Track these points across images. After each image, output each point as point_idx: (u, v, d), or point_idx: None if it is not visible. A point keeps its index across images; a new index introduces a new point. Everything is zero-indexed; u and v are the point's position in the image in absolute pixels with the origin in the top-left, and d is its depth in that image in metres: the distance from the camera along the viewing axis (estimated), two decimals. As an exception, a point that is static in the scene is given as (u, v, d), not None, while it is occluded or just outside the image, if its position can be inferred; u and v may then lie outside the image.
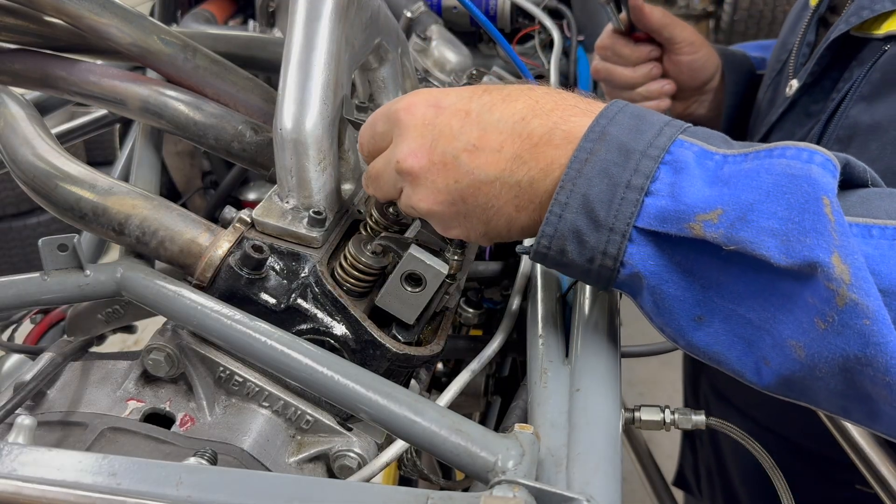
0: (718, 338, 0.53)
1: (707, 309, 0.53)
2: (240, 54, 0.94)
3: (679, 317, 0.54)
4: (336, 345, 0.63)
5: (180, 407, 0.64)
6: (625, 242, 0.53)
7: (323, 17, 0.68)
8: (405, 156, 0.59)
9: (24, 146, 0.70)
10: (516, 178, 0.56)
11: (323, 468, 0.64)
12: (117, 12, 0.75)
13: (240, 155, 0.81)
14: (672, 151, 0.53)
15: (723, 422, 0.70)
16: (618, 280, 0.55)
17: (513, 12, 1.41)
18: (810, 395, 0.52)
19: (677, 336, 0.56)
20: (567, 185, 0.53)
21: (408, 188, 0.61)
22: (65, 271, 0.64)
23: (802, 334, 0.48)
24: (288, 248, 0.65)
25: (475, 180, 0.57)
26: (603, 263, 0.54)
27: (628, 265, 0.53)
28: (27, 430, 0.53)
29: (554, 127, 0.56)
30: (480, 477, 0.51)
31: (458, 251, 0.66)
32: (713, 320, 0.53)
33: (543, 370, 0.63)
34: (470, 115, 0.58)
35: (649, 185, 0.52)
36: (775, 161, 0.50)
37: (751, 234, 0.48)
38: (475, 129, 0.57)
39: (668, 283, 0.53)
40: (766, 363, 0.52)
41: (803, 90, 0.91)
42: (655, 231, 0.52)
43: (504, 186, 0.56)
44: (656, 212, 0.52)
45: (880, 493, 0.78)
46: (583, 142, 0.54)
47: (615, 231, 0.53)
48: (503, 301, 0.94)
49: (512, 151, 0.56)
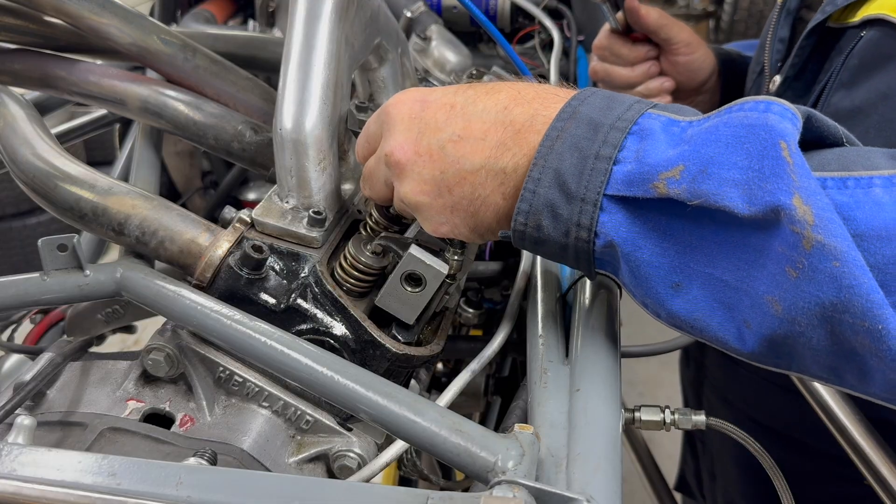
0: (698, 304, 0.53)
1: (684, 275, 0.53)
2: (239, 54, 0.94)
3: (656, 284, 0.54)
4: (336, 345, 0.63)
5: (180, 407, 0.64)
6: (596, 211, 0.53)
7: (323, 17, 0.68)
8: (392, 148, 0.61)
9: (23, 146, 0.70)
10: (501, 164, 0.57)
11: (323, 468, 0.64)
12: (117, 12, 0.75)
13: (239, 155, 0.81)
14: (639, 123, 0.54)
15: (723, 422, 0.70)
16: (596, 254, 0.56)
17: (513, 12, 1.41)
18: (797, 357, 0.51)
19: (658, 307, 0.55)
20: (539, 161, 0.55)
21: (396, 181, 0.62)
22: (64, 271, 0.64)
23: (777, 287, 0.48)
24: (288, 248, 0.65)
25: (461, 169, 0.58)
26: (578, 236, 0.55)
27: (602, 235, 0.54)
28: (27, 431, 0.53)
29: (535, 114, 0.57)
30: (480, 477, 0.51)
31: (458, 251, 0.66)
32: (691, 286, 0.53)
33: (543, 370, 0.63)
34: (455, 108, 0.60)
35: (617, 154, 0.53)
36: (734, 115, 0.51)
37: (713, 185, 0.49)
38: (460, 121, 0.59)
39: (641, 250, 0.53)
40: (748, 326, 0.51)
41: (786, 85, 0.92)
42: (624, 196, 0.53)
43: (489, 174, 0.57)
44: (623, 177, 0.52)
45: (880, 492, 0.78)
46: (554, 122, 0.55)
47: (587, 201, 0.53)
48: (503, 301, 0.94)
49: (496, 139, 0.57)
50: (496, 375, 1.10)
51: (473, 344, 0.79)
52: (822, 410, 0.84)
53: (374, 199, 0.68)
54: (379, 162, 0.63)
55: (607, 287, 0.72)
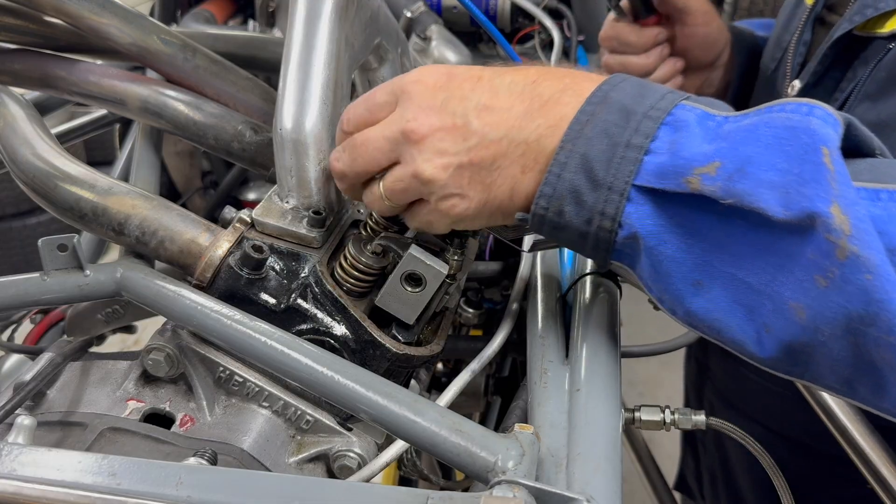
0: (718, 304, 0.52)
1: (706, 273, 0.52)
2: (239, 54, 0.94)
3: (677, 281, 0.53)
4: (336, 345, 0.63)
5: (180, 407, 0.64)
6: (623, 201, 0.52)
7: (323, 17, 0.68)
8: (414, 117, 0.58)
9: (23, 146, 0.70)
10: (524, 134, 0.56)
11: (323, 468, 0.64)
12: (117, 12, 0.75)
13: (239, 155, 0.81)
14: (673, 113, 0.53)
15: (723, 422, 0.70)
16: (616, 245, 0.54)
17: (513, 12, 1.41)
18: (813, 366, 0.50)
19: (676, 304, 0.54)
20: (567, 145, 0.54)
21: (410, 152, 0.58)
22: (64, 271, 0.64)
23: (803, 294, 0.47)
24: (288, 248, 0.65)
25: (483, 138, 0.56)
26: (601, 225, 0.53)
27: (626, 226, 0.53)
28: (27, 431, 0.53)
29: (565, 88, 0.56)
30: (480, 477, 0.51)
31: (458, 251, 0.66)
32: (712, 286, 0.52)
33: (543, 370, 0.63)
34: (482, 80, 0.58)
35: (649, 145, 0.52)
36: (775, 115, 0.50)
37: (749, 185, 0.48)
38: (486, 91, 0.57)
39: (666, 244, 0.52)
40: (767, 330, 0.50)
41: (805, 91, 0.90)
42: (653, 188, 0.51)
43: (511, 143, 0.56)
44: (654, 168, 0.51)
45: (882, 494, 0.78)
46: (585, 105, 0.54)
47: (613, 190, 0.52)
48: (503, 301, 0.94)
49: (521, 109, 0.56)
50: (496, 375, 1.10)
51: (473, 344, 0.79)
52: (825, 413, 0.84)
53: (357, 168, 0.61)
54: (386, 131, 0.59)
55: (607, 287, 0.72)
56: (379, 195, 0.61)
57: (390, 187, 0.60)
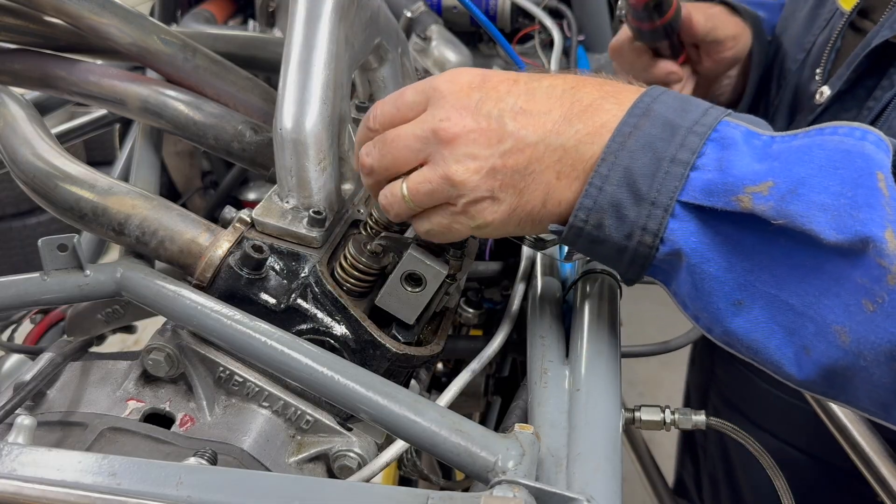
0: (758, 325, 0.52)
1: (748, 293, 0.51)
2: (239, 54, 0.94)
3: (718, 300, 0.52)
4: (336, 345, 0.63)
5: (180, 407, 0.64)
6: (666, 217, 0.51)
7: (323, 17, 0.68)
8: (446, 116, 0.56)
9: (23, 146, 0.70)
10: (562, 140, 0.54)
11: (323, 468, 0.64)
12: (117, 12, 0.75)
13: (239, 155, 0.81)
14: (719, 129, 0.52)
15: (723, 422, 0.70)
16: (655, 260, 0.54)
17: (513, 12, 1.40)
18: (851, 389, 0.50)
19: (713, 323, 0.54)
20: (609, 157, 0.52)
21: (441, 153, 0.56)
22: (64, 271, 0.64)
23: (848, 318, 0.47)
24: (288, 248, 0.65)
25: (519, 142, 0.55)
26: (642, 240, 0.53)
27: (669, 242, 0.52)
28: (27, 431, 0.53)
29: (605, 95, 0.55)
30: (480, 477, 0.51)
31: (458, 251, 0.66)
32: (753, 306, 0.51)
33: (543, 370, 0.63)
34: (518, 83, 0.57)
35: (695, 161, 0.51)
36: (827, 138, 0.50)
37: (801, 207, 0.47)
38: (523, 94, 0.56)
39: (709, 263, 0.52)
40: (807, 352, 0.50)
41: (836, 98, 0.87)
42: (700, 205, 0.51)
43: (548, 149, 0.54)
44: (702, 185, 0.51)
45: (882, 495, 0.78)
46: (626, 117, 0.53)
47: (657, 205, 0.51)
48: (503, 301, 0.94)
49: (560, 114, 0.55)
50: (496, 375, 1.10)
51: (473, 344, 0.79)
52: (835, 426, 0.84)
53: (386, 166, 0.60)
54: (416, 130, 0.58)
55: (607, 287, 0.72)
56: (400, 195, 0.59)
57: (415, 187, 0.58)
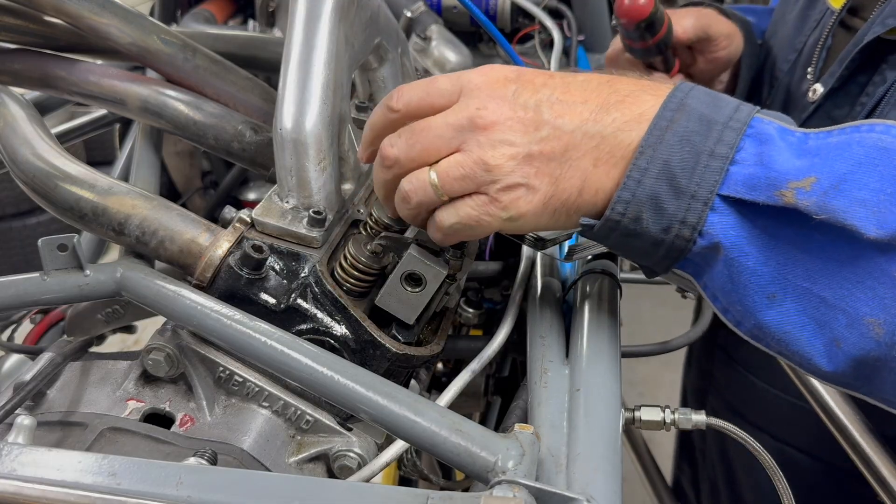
0: (790, 318, 0.53)
1: (781, 286, 0.52)
2: (239, 54, 0.94)
3: (753, 293, 0.53)
4: (336, 345, 0.63)
5: (180, 407, 0.64)
6: (706, 211, 0.52)
7: (323, 17, 0.68)
8: (483, 105, 0.56)
9: (23, 146, 0.70)
10: (599, 127, 0.55)
11: (323, 468, 0.64)
12: (117, 12, 0.75)
13: (239, 155, 0.81)
14: (753, 125, 0.53)
15: (722, 422, 0.70)
16: (690, 254, 0.54)
17: (513, 12, 1.40)
18: (877, 381, 0.51)
19: (745, 316, 0.54)
20: (647, 150, 0.53)
21: (477, 139, 0.56)
22: (64, 271, 0.64)
23: (883, 311, 0.48)
24: (288, 248, 0.65)
25: (555, 129, 0.55)
26: (679, 233, 0.53)
27: (707, 235, 0.53)
28: (27, 430, 0.53)
29: (642, 88, 0.56)
30: (480, 477, 0.51)
31: (457, 251, 0.66)
32: (785, 299, 0.52)
33: (543, 370, 0.63)
34: (553, 77, 0.58)
35: (734, 155, 0.52)
36: (865, 135, 0.51)
37: (844, 203, 0.48)
38: (559, 86, 0.57)
39: (747, 256, 0.52)
40: (838, 345, 0.51)
41: (829, 95, 0.87)
42: (741, 199, 0.51)
43: (585, 136, 0.55)
44: (744, 179, 0.51)
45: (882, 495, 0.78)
46: (661, 110, 0.54)
47: (697, 198, 0.52)
48: (503, 301, 0.94)
49: (597, 104, 0.55)
50: (496, 375, 1.10)
51: (473, 344, 0.79)
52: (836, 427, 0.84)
53: (412, 158, 0.58)
54: (451, 118, 0.57)
55: (607, 287, 0.72)
56: (427, 182, 0.57)
57: (446, 172, 0.57)
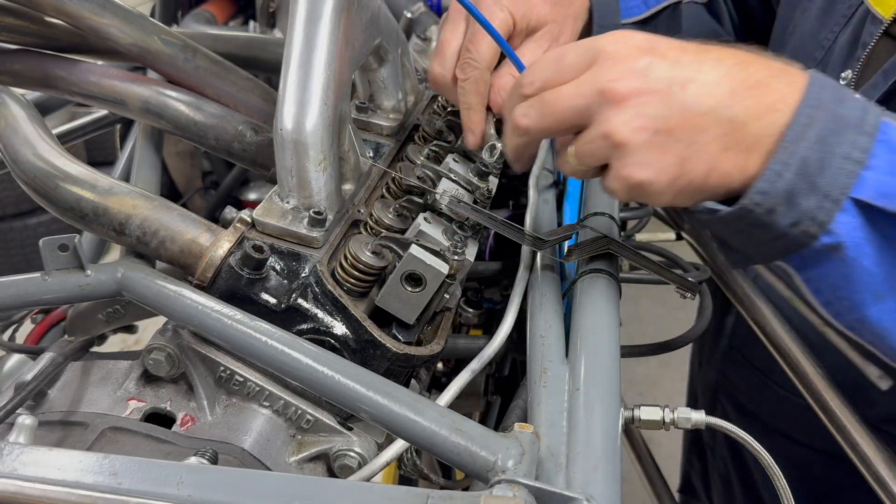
0: (891, 316, 0.56)
1: (887, 286, 0.55)
2: (240, 55, 0.94)
3: (863, 290, 0.56)
4: (336, 344, 0.63)
5: (181, 406, 0.64)
6: (835, 210, 0.54)
7: (323, 18, 0.69)
8: (616, 77, 0.56)
9: (24, 146, 0.70)
10: (731, 112, 0.55)
11: (323, 468, 0.64)
12: (118, 13, 0.75)
13: (240, 155, 0.81)
14: (885, 131, 0.55)
15: (722, 421, 0.70)
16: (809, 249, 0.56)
17: (512, 12, 1.40)
18: None
19: (848, 310, 0.58)
20: (789, 146, 0.54)
21: (607, 113, 0.56)
22: (65, 271, 0.64)
23: None
24: (288, 248, 0.65)
25: (686, 109, 0.55)
26: (807, 230, 0.55)
27: (834, 234, 0.54)
28: (28, 430, 0.53)
29: (775, 73, 0.57)
30: (480, 476, 0.52)
31: (458, 251, 0.66)
32: (888, 298, 0.56)
33: (543, 370, 0.63)
34: (687, 51, 0.58)
35: (867, 161, 0.54)
36: None
37: None
38: (693, 63, 0.57)
39: (865, 257, 0.55)
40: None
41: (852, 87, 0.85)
42: (870, 204, 0.53)
43: (716, 120, 0.55)
44: (877, 186, 0.53)
45: (880, 493, 0.78)
46: (801, 107, 0.55)
47: (829, 197, 0.54)
48: (503, 301, 0.94)
49: (729, 87, 0.56)
50: (496, 375, 1.10)
51: (473, 344, 0.80)
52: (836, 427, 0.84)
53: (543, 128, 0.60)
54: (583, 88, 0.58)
55: (607, 287, 0.72)
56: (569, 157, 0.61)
57: (580, 149, 0.59)
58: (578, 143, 0.59)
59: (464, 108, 0.76)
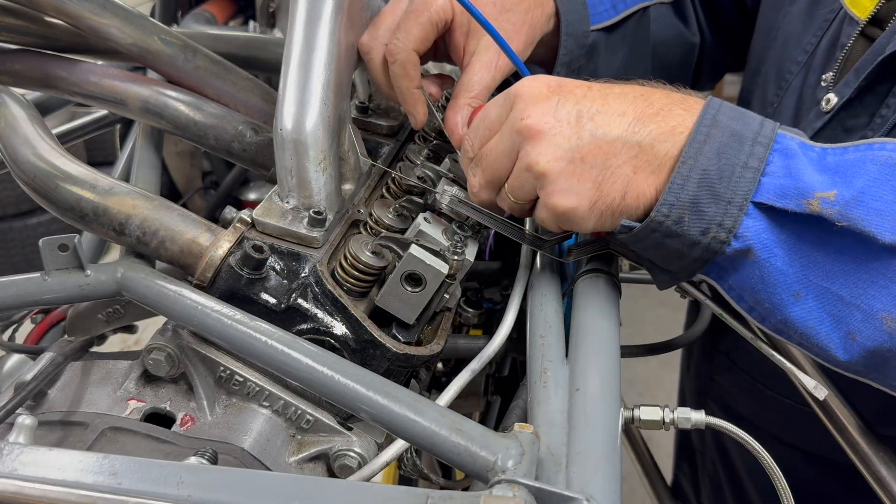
0: (812, 314, 0.59)
1: (804, 285, 0.59)
2: (240, 55, 0.94)
3: (780, 291, 0.59)
4: (336, 345, 0.63)
5: (181, 406, 0.64)
6: (741, 215, 0.58)
7: (323, 18, 0.69)
8: (529, 114, 0.62)
9: (24, 146, 0.70)
10: (638, 138, 0.60)
11: (323, 468, 0.64)
12: (118, 13, 0.75)
13: (240, 155, 0.81)
14: (779, 140, 0.59)
15: (722, 422, 0.70)
16: (722, 256, 0.59)
17: (513, 12, 1.40)
18: (887, 371, 0.58)
19: (771, 313, 0.61)
20: (688, 160, 0.58)
21: (527, 148, 0.62)
22: (65, 271, 0.64)
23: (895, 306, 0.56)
24: (288, 248, 0.65)
25: (596, 138, 0.60)
26: (716, 235, 0.58)
27: (742, 238, 0.58)
28: (28, 430, 0.53)
29: (674, 102, 0.62)
30: (480, 476, 0.52)
31: (458, 251, 0.66)
32: (808, 297, 0.59)
33: (543, 370, 0.63)
34: (592, 88, 0.63)
35: (764, 168, 0.58)
36: (877, 153, 0.58)
37: (863, 213, 0.55)
38: (598, 98, 0.62)
39: (775, 258, 0.58)
40: (853, 338, 0.58)
41: (845, 105, 0.84)
42: (772, 206, 0.57)
43: (625, 146, 0.60)
44: (775, 189, 0.57)
45: (880, 492, 0.78)
46: (698, 126, 0.59)
47: (733, 204, 0.58)
48: (503, 301, 0.94)
49: (634, 115, 0.61)
50: (496, 375, 1.10)
51: (473, 344, 0.80)
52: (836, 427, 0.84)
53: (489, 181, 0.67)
54: (506, 133, 0.64)
55: (607, 287, 0.72)
56: (505, 194, 0.66)
57: (511, 184, 0.65)
58: (509, 180, 0.65)
59: (398, 92, 0.79)
